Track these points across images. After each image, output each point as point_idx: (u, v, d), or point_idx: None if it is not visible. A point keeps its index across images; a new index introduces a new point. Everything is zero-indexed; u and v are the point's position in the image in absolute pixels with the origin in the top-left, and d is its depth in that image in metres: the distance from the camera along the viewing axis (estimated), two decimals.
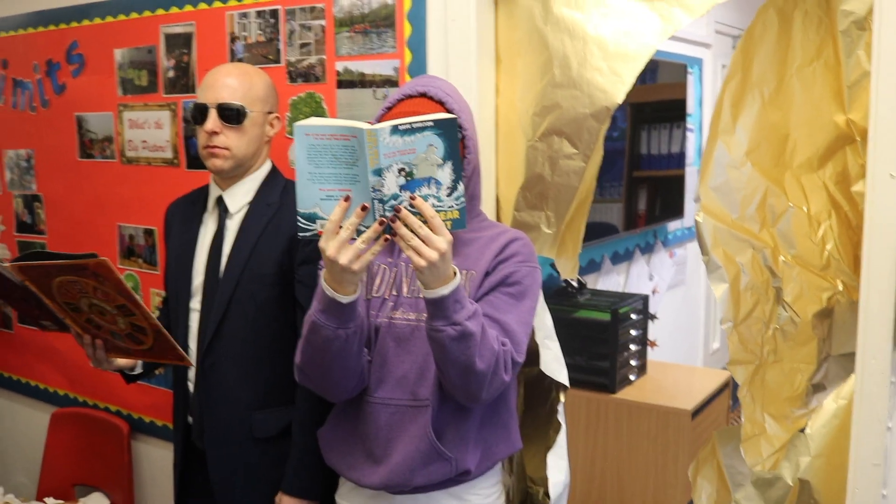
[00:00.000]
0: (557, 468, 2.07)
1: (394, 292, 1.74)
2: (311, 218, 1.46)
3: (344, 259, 1.44)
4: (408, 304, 1.72)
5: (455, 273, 1.50)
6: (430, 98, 1.69)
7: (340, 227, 1.43)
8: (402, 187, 1.42)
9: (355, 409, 1.76)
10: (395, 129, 1.38)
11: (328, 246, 1.44)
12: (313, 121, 1.42)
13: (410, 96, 1.70)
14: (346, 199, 1.43)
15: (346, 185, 1.43)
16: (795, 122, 1.88)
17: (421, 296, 1.55)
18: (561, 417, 2.13)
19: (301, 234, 1.47)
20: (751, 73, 1.93)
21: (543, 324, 2.13)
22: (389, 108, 1.71)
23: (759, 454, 1.91)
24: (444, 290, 1.49)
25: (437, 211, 1.43)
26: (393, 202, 1.43)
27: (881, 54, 1.62)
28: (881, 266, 1.64)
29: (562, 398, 2.16)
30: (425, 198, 1.43)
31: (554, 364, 2.12)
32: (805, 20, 1.84)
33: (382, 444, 1.72)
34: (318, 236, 1.47)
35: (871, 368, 1.67)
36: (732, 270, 1.97)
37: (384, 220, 1.43)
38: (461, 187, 1.43)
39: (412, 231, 1.43)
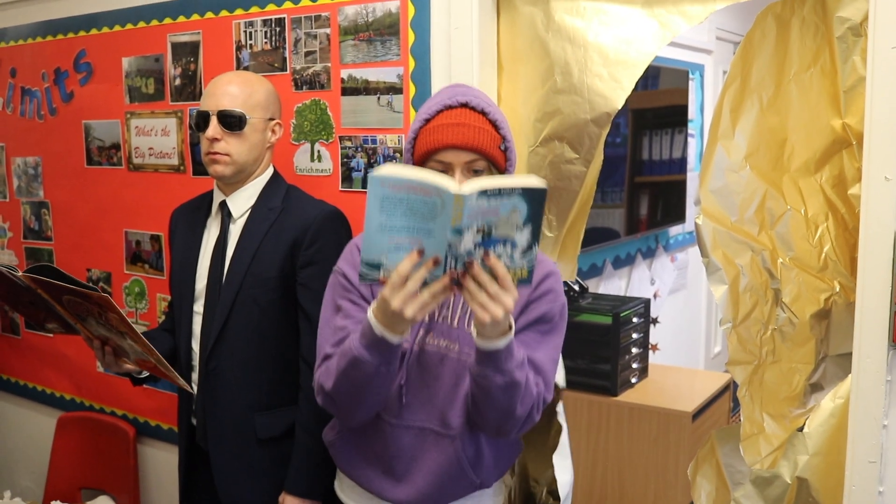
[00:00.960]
0: (563, 468, 2.10)
1: (425, 318, 1.70)
2: (376, 266, 1.41)
3: (409, 312, 1.41)
4: (439, 331, 1.70)
5: (511, 326, 1.50)
6: (473, 108, 1.64)
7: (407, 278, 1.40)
8: (477, 244, 1.38)
9: (373, 427, 1.74)
10: (482, 194, 1.33)
11: (394, 298, 1.41)
12: (391, 171, 1.34)
13: (451, 107, 1.65)
14: (420, 252, 1.39)
15: (418, 236, 1.38)
16: (793, 127, 1.91)
17: (474, 340, 1.52)
18: (561, 418, 2.16)
19: (362, 280, 1.44)
20: (750, 78, 1.96)
21: None
22: (428, 120, 1.65)
23: (757, 453, 1.94)
24: (500, 344, 1.49)
25: (508, 269, 1.40)
26: (466, 258, 1.39)
27: (876, 60, 1.65)
28: (876, 267, 1.67)
29: (560, 400, 2.18)
30: (499, 256, 1.39)
31: None
32: (802, 27, 1.87)
33: (404, 463, 1.72)
34: (378, 283, 1.44)
35: (867, 368, 1.70)
36: (732, 272, 2.00)
37: (454, 273, 1.41)
38: (536, 248, 1.41)
39: (481, 286, 1.40)
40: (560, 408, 2.17)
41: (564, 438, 2.12)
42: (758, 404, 1.99)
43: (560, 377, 2.14)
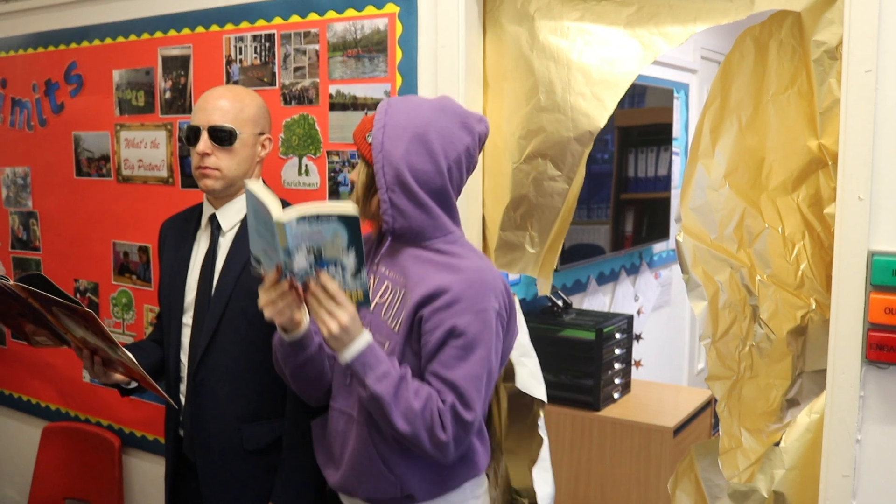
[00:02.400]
0: (543, 481, 2.12)
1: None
2: (258, 261, 1.64)
3: (267, 314, 1.64)
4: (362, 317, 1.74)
5: (362, 336, 1.61)
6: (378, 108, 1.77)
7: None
8: (311, 265, 1.55)
9: (324, 415, 1.89)
10: (301, 219, 1.49)
11: (259, 301, 1.64)
12: (255, 185, 1.58)
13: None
14: (277, 270, 1.58)
15: (269, 248, 1.58)
16: (771, 147, 1.96)
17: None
18: (542, 432, 2.18)
19: (251, 270, 1.68)
20: (729, 99, 2.00)
21: (518, 342, 2.15)
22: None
23: (735, 467, 1.97)
24: (347, 356, 1.60)
25: (344, 289, 1.57)
26: (304, 276, 1.57)
27: (850, 83, 1.70)
28: (850, 285, 1.71)
29: (541, 413, 2.21)
30: (333, 276, 1.56)
31: (530, 381, 2.16)
32: (780, 50, 1.92)
33: (338, 449, 1.82)
34: (261, 276, 1.64)
35: (841, 383, 1.73)
36: (711, 289, 2.03)
37: (295, 283, 1.60)
38: (364, 272, 1.55)
39: (319, 303, 1.57)
40: (541, 421, 2.19)
41: (545, 452, 2.14)
42: (736, 419, 2.02)
43: (541, 391, 2.16)
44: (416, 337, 1.68)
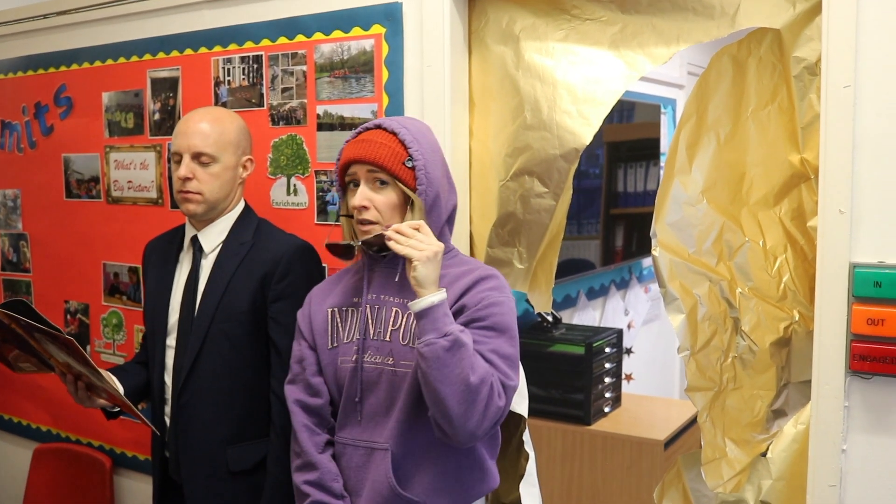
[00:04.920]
0: (530, 496, 2.13)
1: (357, 335, 1.80)
2: None
3: None
4: (374, 348, 1.77)
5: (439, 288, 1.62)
6: (385, 129, 1.76)
7: None
8: None
9: (339, 449, 1.84)
10: None
11: None
12: None
13: (368, 129, 1.79)
14: None
15: None
16: (752, 162, 1.98)
17: (409, 311, 1.66)
18: (528, 447, 2.19)
19: None
20: (706, 116, 2.03)
21: None
22: (349, 141, 1.80)
23: (720, 477, 1.99)
24: (435, 298, 1.60)
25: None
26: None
27: (829, 98, 1.72)
28: (833, 297, 1.73)
29: (526, 427, 2.22)
30: None
31: (516, 397, 2.17)
32: (759, 66, 1.95)
33: (353, 482, 1.79)
34: None
35: (826, 394, 1.75)
36: (689, 302, 2.06)
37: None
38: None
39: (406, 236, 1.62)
40: (526, 436, 2.20)
41: (531, 467, 2.15)
42: (720, 430, 2.03)
43: (523, 406, 2.17)
44: None
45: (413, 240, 1.61)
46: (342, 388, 1.81)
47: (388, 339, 1.76)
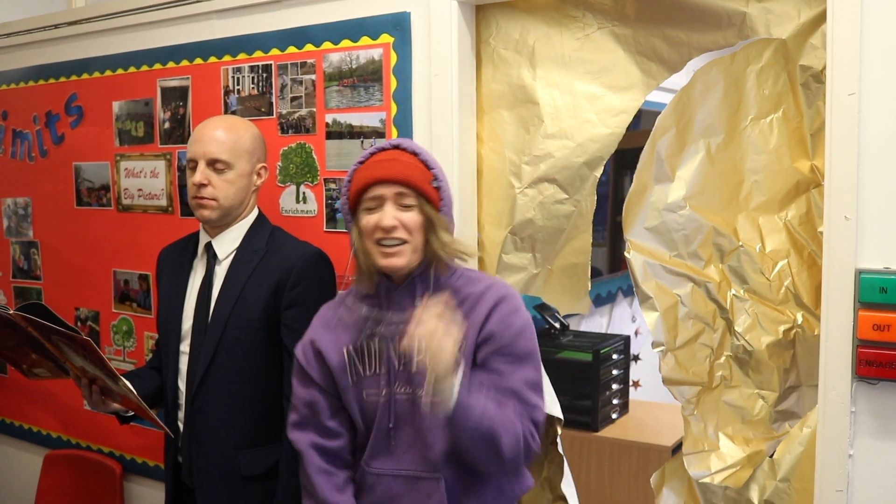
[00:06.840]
0: (571, 496, 2.19)
1: (382, 368, 1.76)
2: None
3: None
4: (403, 378, 1.74)
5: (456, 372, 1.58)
6: (404, 150, 1.74)
7: None
8: None
9: (366, 480, 1.80)
10: None
11: None
12: None
13: (384, 149, 1.75)
14: None
15: None
16: (751, 169, 2.01)
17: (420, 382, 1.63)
18: (560, 449, 2.22)
19: None
20: (690, 127, 2.07)
21: None
22: (363, 162, 1.75)
23: (706, 467, 2.03)
24: (457, 386, 1.57)
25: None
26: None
27: (834, 106, 1.74)
28: (839, 302, 1.75)
29: (559, 430, 2.24)
30: None
31: (548, 399, 2.18)
32: (759, 76, 1.97)
33: None
34: None
35: (832, 399, 1.76)
36: (666, 301, 2.09)
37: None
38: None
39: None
40: (559, 438, 2.23)
41: (566, 468, 2.20)
42: (712, 424, 2.06)
43: (557, 409, 2.19)
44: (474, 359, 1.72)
45: (433, 343, 1.53)
46: (370, 421, 1.77)
47: (414, 369, 1.72)
